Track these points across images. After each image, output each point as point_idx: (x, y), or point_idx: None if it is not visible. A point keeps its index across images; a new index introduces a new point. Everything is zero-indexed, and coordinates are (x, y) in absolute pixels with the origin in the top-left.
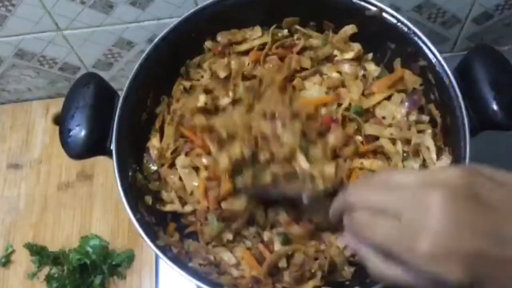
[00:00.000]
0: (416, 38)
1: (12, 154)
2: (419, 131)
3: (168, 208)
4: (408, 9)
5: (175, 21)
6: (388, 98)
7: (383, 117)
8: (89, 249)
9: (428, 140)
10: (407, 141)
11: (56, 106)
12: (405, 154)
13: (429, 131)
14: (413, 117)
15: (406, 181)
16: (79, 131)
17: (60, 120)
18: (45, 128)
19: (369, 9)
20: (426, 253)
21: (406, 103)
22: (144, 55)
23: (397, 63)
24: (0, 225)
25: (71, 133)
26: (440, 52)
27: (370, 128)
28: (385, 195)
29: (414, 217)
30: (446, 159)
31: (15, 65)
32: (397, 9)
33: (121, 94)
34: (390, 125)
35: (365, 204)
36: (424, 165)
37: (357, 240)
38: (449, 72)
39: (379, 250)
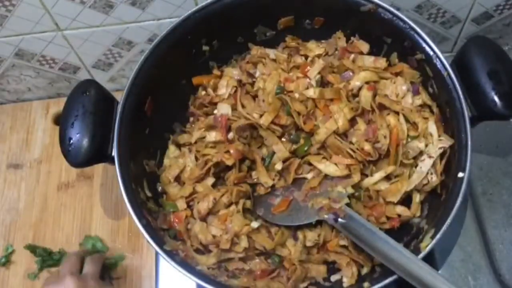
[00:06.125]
0: (412, 32)
1: (12, 154)
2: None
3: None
4: (408, 9)
5: (175, 21)
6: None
7: (385, 95)
8: (89, 249)
9: (431, 127)
10: (414, 124)
11: (56, 106)
12: (409, 139)
13: (433, 118)
14: (418, 101)
15: None
16: (80, 139)
17: (60, 129)
18: (45, 128)
19: (364, 5)
20: None
21: (412, 88)
22: (144, 55)
23: (393, 57)
24: (0, 225)
25: (72, 142)
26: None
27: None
28: None
29: None
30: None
31: (15, 65)
32: (397, 9)
33: (120, 96)
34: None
35: None
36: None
37: None
38: (446, 64)
39: None
